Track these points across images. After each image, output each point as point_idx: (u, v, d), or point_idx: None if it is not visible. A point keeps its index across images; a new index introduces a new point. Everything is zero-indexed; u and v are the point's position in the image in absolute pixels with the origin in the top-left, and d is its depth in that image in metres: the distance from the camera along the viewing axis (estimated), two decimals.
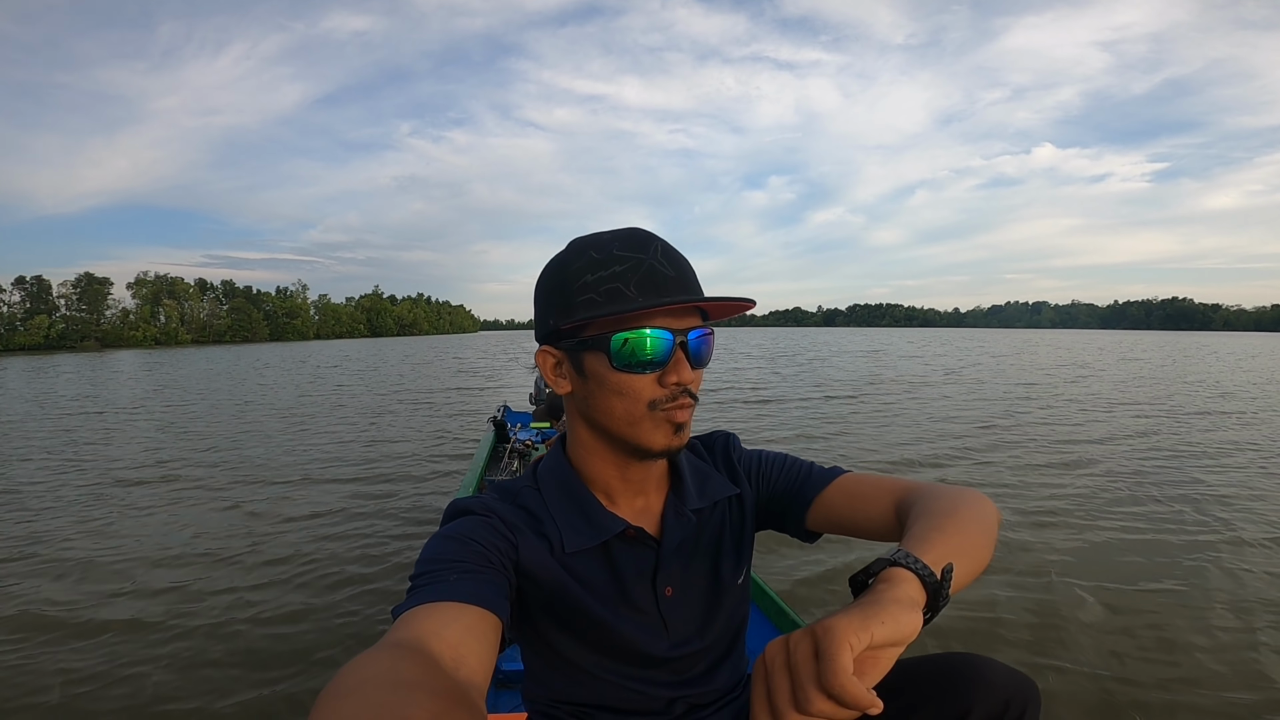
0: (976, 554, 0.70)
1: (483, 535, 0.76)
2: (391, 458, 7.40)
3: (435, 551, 0.73)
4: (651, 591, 0.85)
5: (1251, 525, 4.56)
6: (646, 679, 0.85)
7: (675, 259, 0.79)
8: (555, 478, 0.87)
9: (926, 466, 6.78)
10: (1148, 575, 3.65)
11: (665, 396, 0.77)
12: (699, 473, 0.93)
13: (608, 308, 0.74)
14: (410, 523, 4.83)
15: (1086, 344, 45.83)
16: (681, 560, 0.87)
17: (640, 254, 0.77)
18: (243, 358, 41.07)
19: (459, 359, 32.82)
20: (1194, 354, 31.77)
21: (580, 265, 0.77)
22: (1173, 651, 2.83)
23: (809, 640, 0.52)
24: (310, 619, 3.25)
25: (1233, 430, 8.81)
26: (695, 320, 0.79)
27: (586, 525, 0.83)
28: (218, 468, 7.08)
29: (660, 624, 0.85)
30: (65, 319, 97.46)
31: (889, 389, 14.72)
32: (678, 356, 0.76)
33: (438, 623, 0.60)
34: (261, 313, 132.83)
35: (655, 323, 0.75)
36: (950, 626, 3.01)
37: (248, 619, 3.24)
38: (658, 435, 0.78)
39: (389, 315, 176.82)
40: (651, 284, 0.75)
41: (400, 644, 0.56)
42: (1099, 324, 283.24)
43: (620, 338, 0.75)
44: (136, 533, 4.77)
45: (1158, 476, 6.01)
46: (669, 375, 0.77)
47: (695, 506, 0.89)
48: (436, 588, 0.66)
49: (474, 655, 0.59)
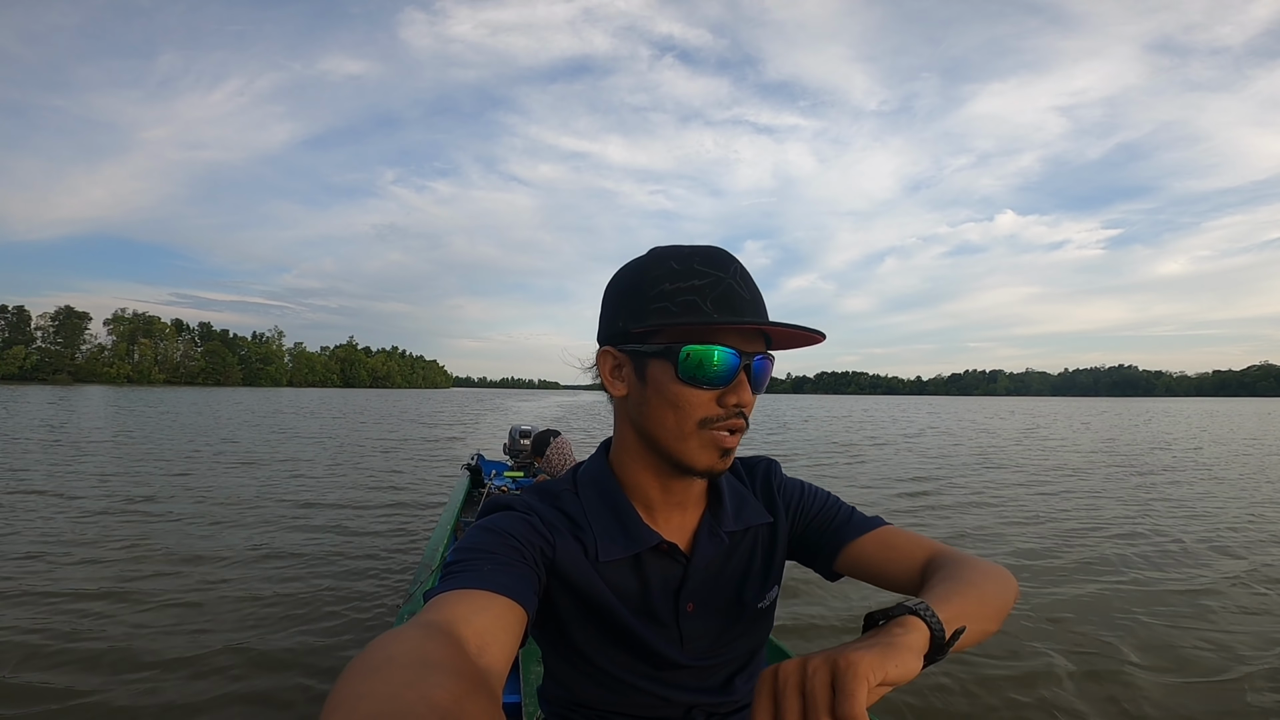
0: (986, 624, 0.73)
1: (520, 531, 0.78)
2: (359, 504, 7.23)
3: (472, 541, 0.75)
4: (674, 605, 0.86)
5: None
6: (665, 683, 0.86)
7: (751, 284, 0.80)
8: (596, 484, 0.88)
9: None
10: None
11: (720, 415, 0.78)
12: (737, 495, 0.93)
13: (683, 318, 0.75)
14: (374, 563, 4.81)
15: (1014, 409, 49.44)
16: (708, 579, 0.88)
17: (720, 272, 0.78)
18: (220, 400, 41.54)
19: (437, 410, 34.53)
20: (1099, 419, 34.51)
21: (659, 273, 0.78)
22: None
23: (827, 668, 0.53)
24: (276, 657, 3.21)
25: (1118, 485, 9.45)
26: (761, 346, 0.80)
27: (623, 535, 0.84)
28: (202, 503, 7.04)
29: (677, 636, 0.86)
30: (40, 350, 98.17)
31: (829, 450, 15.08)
32: (740, 378, 0.77)
33: (467, 609, 0.62)
34: (236, 356, 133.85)
35: (726, 341, 0.76)
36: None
37: (221, 655, 3.19)
38: (703, 455, 0.79)
39: (363, 366, 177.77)
40: (728, 303, 0.76)
41: (429, 625, 0.58)
42: (1050, 391, 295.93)
43: (689, 350, 0.75)
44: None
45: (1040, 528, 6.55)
46: (729, 395, 0.77)
47: (730, 529, 0.89)
48: (469, 575, 0.68)
49: (497, 644, 0.61)
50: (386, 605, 3.90)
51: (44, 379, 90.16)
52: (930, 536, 0.88)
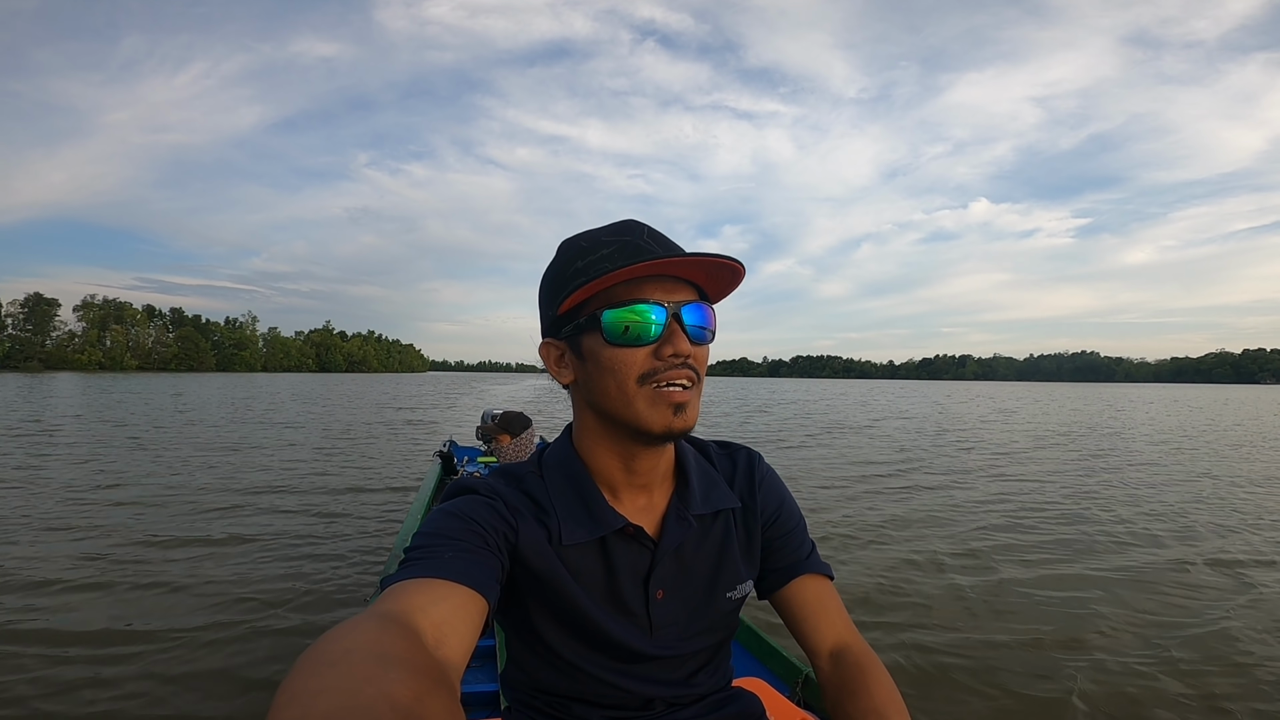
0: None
1: (483, 515, 0.76)
2: (332, 489, 7.20)
3: (434, 526, 0.73)
4: (643, 592, 0.84)
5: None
6: (628, 674, 0.85)
7: (663, 239, 0.79)
8: (561, 467, 0.86)
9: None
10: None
11: (659, 368, 0.76)
12: (706, 477, 0.91)
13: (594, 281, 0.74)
14: (349, 551, 4.75)
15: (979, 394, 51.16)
16: (677, 564, 0.86)
17: (627, 236, 0.78)
18: (193, 386, 40.78)
19: (412, 395, 34.52)
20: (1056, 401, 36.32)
21: (571, 255, 0.79)
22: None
23: None
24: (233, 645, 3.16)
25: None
26: (688, 295, 0.78)
27: (587, 518, 0.82)
28: (172, 490, 6.92)
29: (647, 625, 0.85)
30: (10, 338, 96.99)
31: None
32: (672, 328, 0.76)
33: (425, 599, 0.61)
34: (209, 342, 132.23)
35: (648, 296, 0.75)
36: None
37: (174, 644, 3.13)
38: (654, 414, 0.76)
39: (339, 351, 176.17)
40: (634, 256, 0.75)
41: (386, 615, 0.55)
42: (1015, 376, 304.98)
43: (609, 313, 0.75)
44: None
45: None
46: (664, 347, 0.75)
47: (698, 512, 0.87)
48: (429, 563, 0.66)
49: (456, 635, 0.60)
50: (357, 595, 3.93)
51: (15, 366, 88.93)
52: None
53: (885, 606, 3.84)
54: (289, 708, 0.40)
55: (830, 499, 7.06)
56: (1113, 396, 51.52)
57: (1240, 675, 3.02)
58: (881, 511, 6.42)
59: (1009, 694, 2.85)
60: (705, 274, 0.78)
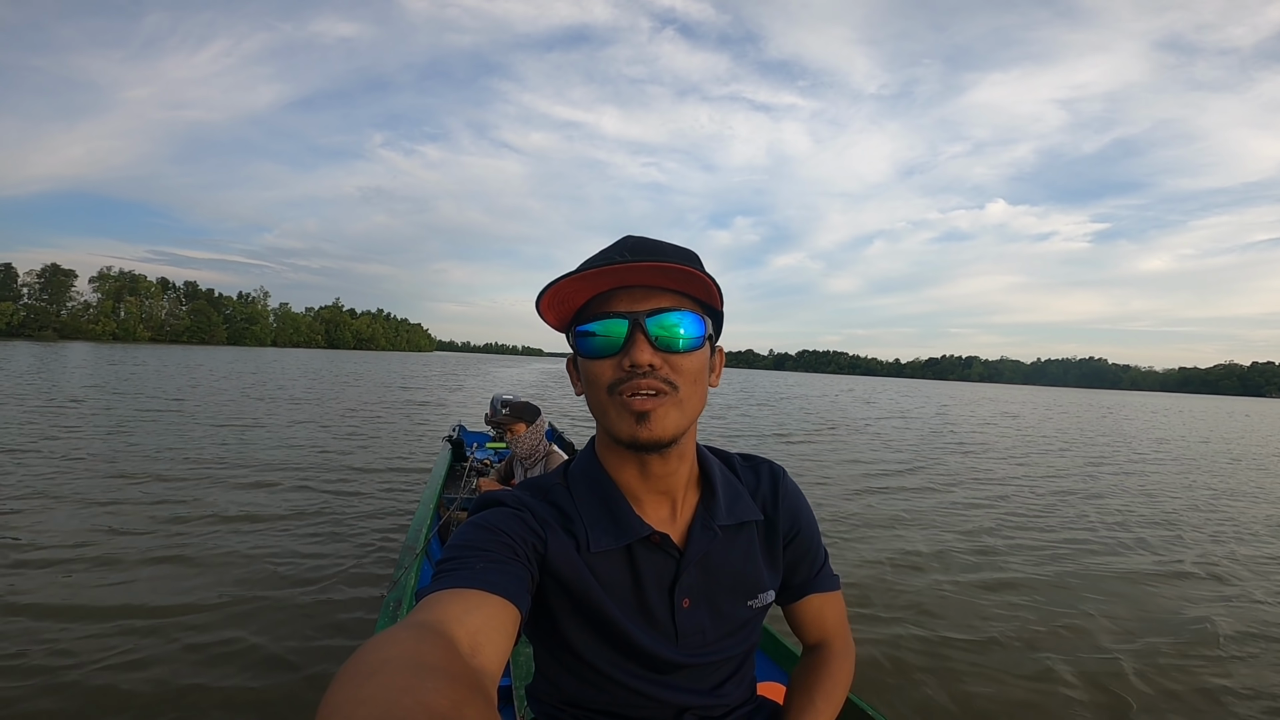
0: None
1: (512, 527, 0.78)
2: (344, 469, 7.24)
3: (465, 538, 0.75)
4: (669, 601, 0.85)
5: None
6: (657, 684, 0.86)
7: (641, 247, 0.80)
8: (586, 477, 0.88)
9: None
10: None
11: (621, 378, 0.77)
12: (731, 488, 0.92)
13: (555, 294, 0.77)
14: (361, 535, 4.73)
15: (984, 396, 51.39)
16: (702, 573, 0.87)
17: (609, 250, 0.79)
18: (206, 359, 41.69)
19: (420, 374, 34.42)
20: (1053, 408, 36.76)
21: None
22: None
23: None
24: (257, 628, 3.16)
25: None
26: (660, 303, 0.78)
27: (613, 525, 0.84)
28: (188, 465, 7.02)
29: (673, 633, 0.85)
30: (27, 307, 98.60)
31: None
32: (635, 338, 0.76)
33: (460, 608, 0.62)
34: (221, 316, 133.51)
35: (611, 308, 0.77)
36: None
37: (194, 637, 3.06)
38: (621, 423, 0.78)
39: (348, 328, 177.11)
40: (587, 268, 0.76)
41: (422, 625, 0.57)
42: (1021, 379, 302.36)
43: (582, 327, 0.78)
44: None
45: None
46: (624, 358, 0.76)
47: (723, 522, 0.88)
48: (462, 574, 0.68)
49: (491, 644, 0.61)
50: (370, 575, 3.97)
51: (30, 335, 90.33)
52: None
53: (876, 603, 4.00)
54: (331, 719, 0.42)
55: (830, 496, 7.24)
56: (1115, 404, 51.60)
57: (1221, 677, 3.18)
58: (880, 511, 6.59)
59: (997, 690, 2.97)
60: (677, 280, 0.78)
